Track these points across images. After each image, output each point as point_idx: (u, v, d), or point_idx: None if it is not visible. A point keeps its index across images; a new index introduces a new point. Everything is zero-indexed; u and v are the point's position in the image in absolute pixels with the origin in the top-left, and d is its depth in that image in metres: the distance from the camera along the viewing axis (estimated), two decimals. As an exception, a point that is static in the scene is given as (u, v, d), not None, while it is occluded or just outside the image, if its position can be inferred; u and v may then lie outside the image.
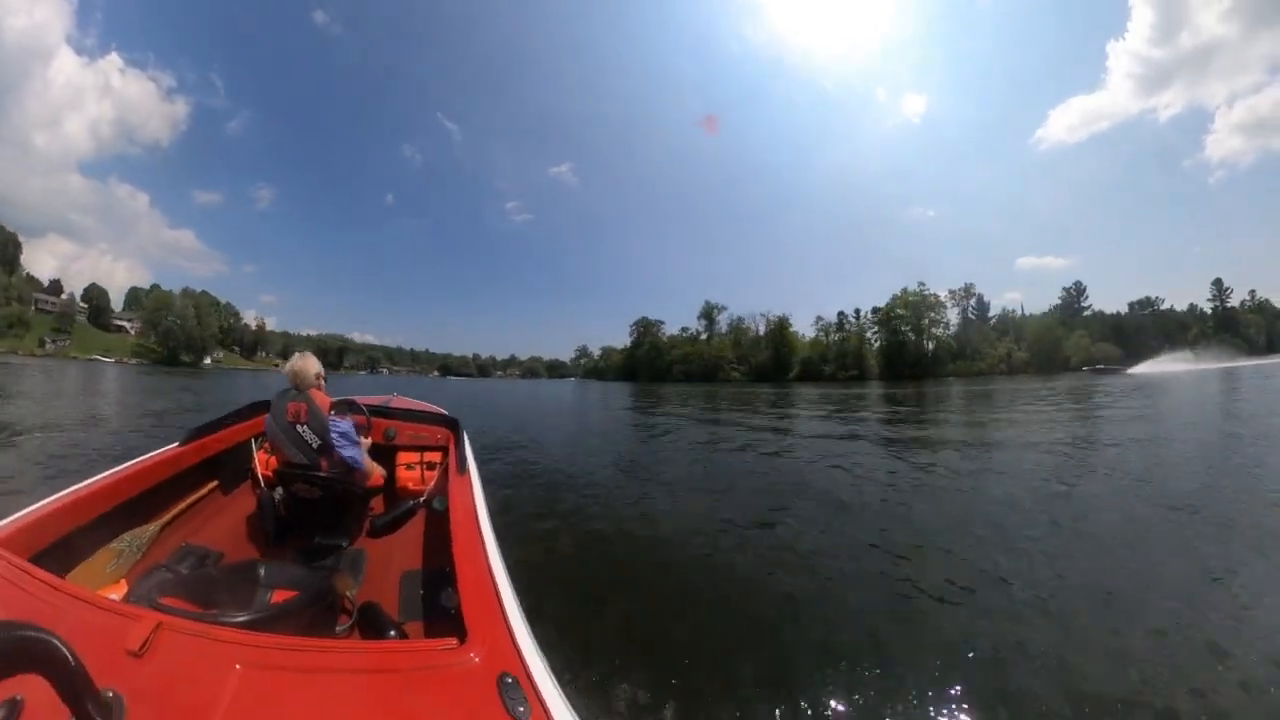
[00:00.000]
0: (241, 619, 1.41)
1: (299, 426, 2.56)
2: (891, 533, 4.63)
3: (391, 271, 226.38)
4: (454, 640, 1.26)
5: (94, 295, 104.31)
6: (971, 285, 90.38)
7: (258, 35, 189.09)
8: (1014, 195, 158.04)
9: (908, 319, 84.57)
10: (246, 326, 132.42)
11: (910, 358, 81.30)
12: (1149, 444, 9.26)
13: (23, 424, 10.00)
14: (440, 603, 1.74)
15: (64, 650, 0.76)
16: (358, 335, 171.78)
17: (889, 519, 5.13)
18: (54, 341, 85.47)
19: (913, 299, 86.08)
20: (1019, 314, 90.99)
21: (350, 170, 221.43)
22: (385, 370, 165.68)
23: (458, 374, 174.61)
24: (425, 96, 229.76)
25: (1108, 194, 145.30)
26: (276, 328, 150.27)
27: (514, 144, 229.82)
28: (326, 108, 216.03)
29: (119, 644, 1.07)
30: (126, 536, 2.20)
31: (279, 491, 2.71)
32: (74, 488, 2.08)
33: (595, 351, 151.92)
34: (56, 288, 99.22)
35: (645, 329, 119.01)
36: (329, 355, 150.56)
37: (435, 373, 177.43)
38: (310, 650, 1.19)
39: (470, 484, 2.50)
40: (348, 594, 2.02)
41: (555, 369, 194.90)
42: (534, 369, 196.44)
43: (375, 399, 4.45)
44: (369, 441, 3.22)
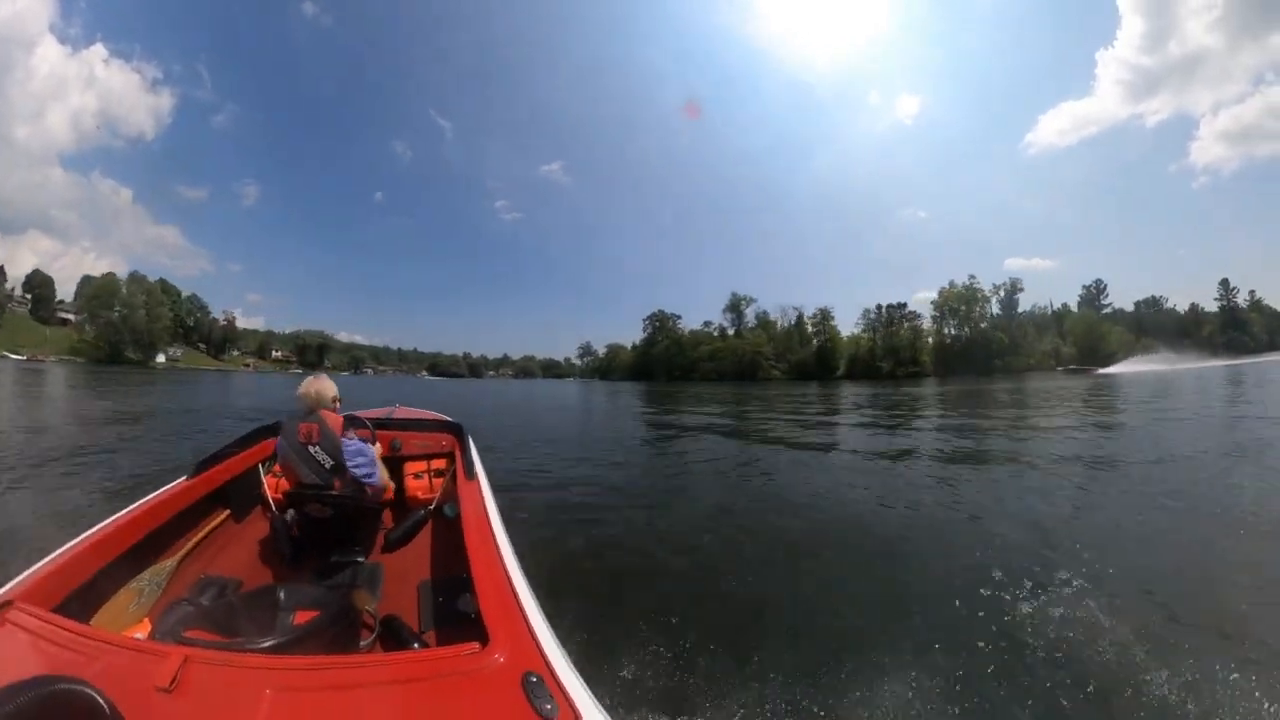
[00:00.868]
0: (267, 644, 1.42)
1: (311, 447, 2.56)
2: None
3: (380, 271, 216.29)
4: (476, 644, 1.27)
5: (37, 283, 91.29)
6: (1018, 280, 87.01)
7: (246, 26, 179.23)
8: (1004, 197, 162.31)
9: (960, 312, 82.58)
10: (215, 321, 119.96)
11: (964, 353, 78.46)
12: None
13: None
14: (459, 609, 1.82)
15: (98, 698, 0.77)
16: (345, 335, 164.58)
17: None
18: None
19: (964, 292, 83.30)
20: (1048, 309, 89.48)
21: (339, 167, 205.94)
22: (370, 370, 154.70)
23: (447, 374, 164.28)
24: (417, 92, 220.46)
25: (1095, 197, 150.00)
26: (263, 326, 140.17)
27: (506, 141, 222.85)
28: (315, 102, 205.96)
29: (149, 682, 1.07)
30: (146, 575, 2.21)
31: (290, 513, 2.73)
32: (88, 532, 2.07)
33: (599, 349, 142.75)
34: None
35: (661, 323, 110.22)
36: (308, 354, 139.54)
37: (423, 373, 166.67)
38: (337, 668, 1.21)
39: (479, 488, 2.56)
40: (368, 608, 2.01)
41: (550, 368, 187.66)
42: (528, 368, 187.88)
43: (378, 411, 4.53)
44: (379, 450, 3.15)
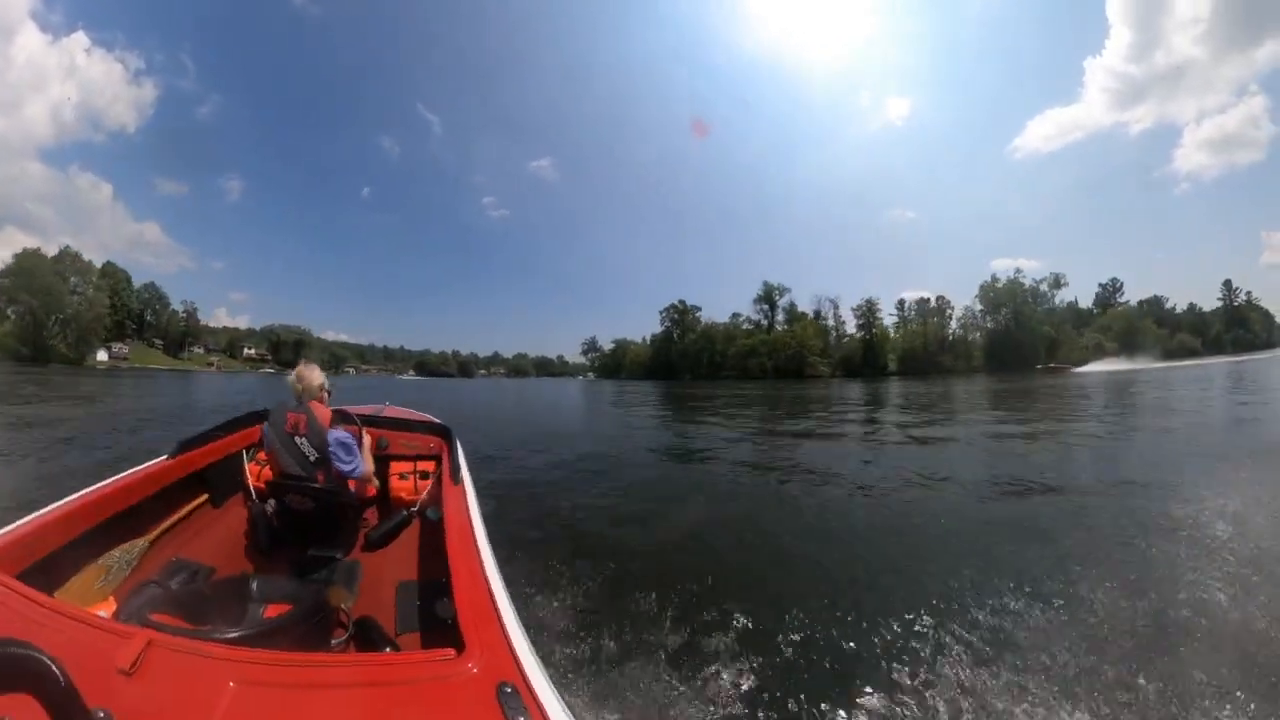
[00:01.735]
0: (234, 635, 1.39)
1: (297, 438, 2.50)
2: None
3: (367, 268, 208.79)
4: (452, 651, 1.24)
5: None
6: (1061, 275, 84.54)
7: (232, 14, 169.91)
8: (991, 199, 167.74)
9: (1006, 307, 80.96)
10: (175, 314, 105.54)
11: (1014, 348, 76.63)
12: None
13: None
14: (437, 613, 1.77)
15: (54, 669, 0.74)
16: (331, 334, 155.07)
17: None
18: None
19: (1011, 287, 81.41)
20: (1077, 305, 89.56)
21: (325, 162, 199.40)
22: (352, 370, 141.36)
23: (436, 373, 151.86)
24: (406, 86, 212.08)
25: (1079, 200, 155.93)
26: (246, 325, 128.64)
27: (494, 138, 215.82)
28: (302, 94, 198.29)
29: (109, 663, 1.03)
30: (115, 552, 2.13)
31: (271, 503, 2.65)
32: (60, 502, 2.01)
33: (605, 345, 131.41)
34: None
35: (682, 314, 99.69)
36: (283, 351, 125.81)
37: (410, 372, 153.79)
38: (305, 665, 1.17)
39: (464, 493, 2.47)
40: (343, 607, 1.96)
41: (544, 367, 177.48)
42: (521, 367, 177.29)
43: (368, 408, 4.33)
44: (369, 442, 3.14)
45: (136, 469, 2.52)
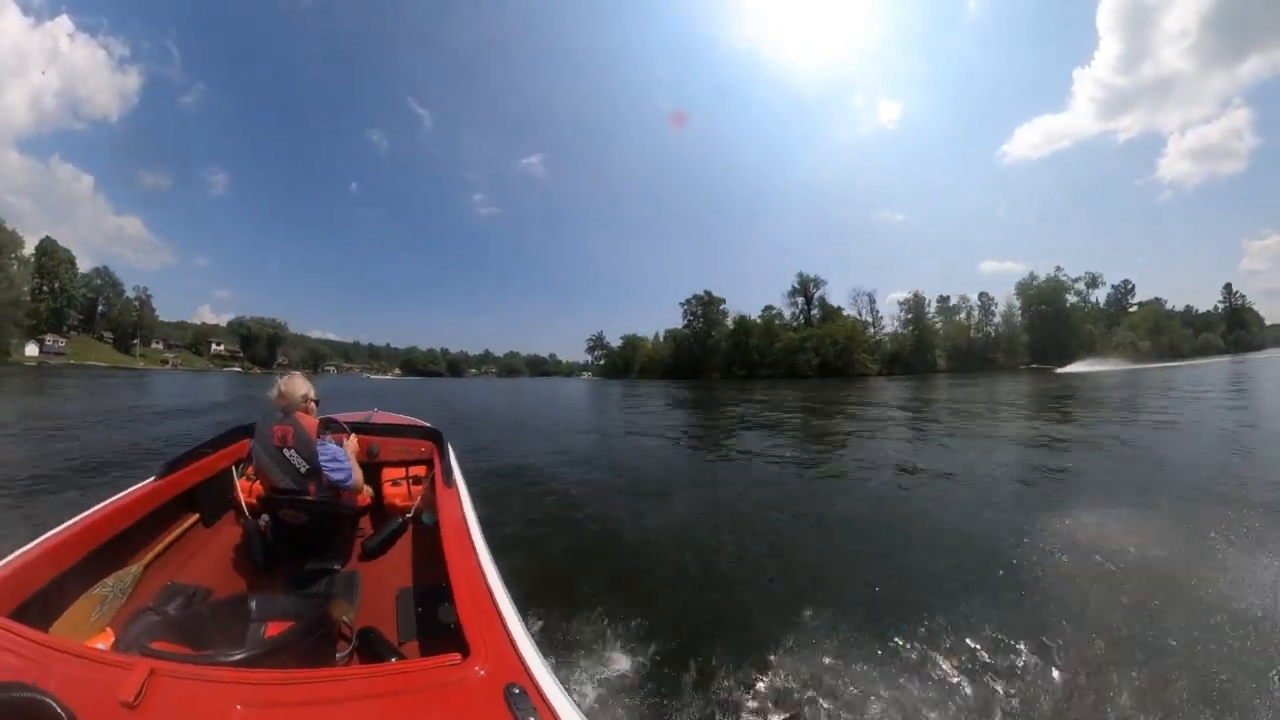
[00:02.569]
0: (237, 657, 1.37)
1: (286, 451, 2.48)
2: None
3: (354, 265, 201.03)
4: (457, 655, 1.24)
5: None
6: (1099, 275, 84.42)
7: (220, 1, 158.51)
8: (979, 203, 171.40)
9: (1052, 305, 79.96)
10: (129, 304, 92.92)
11: (1054, 345, 75.35)
12: None
13: None
14: (439, 619, 1.77)
15: (57, 708, 0.72)
16: (318, 332, 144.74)
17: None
18: None
19: (1052, 284, 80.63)
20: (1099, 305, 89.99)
21: (313, 155, 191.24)
22: (333, 369, 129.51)
23: (424, 372, 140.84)
24: (397, 78, 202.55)
25: (1065, 206, 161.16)
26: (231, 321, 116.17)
27: (485, 134, 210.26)
28: (290, 85, 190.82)
29: (112, 696, 1.01)
30: (109, 581, 2.10)
31: (264, 519, 2.62)
32: (49, 534, 1.96)
33: (612, 342, 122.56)
34: None
35: (707, 305, 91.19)
36: (255, 348, 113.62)
37: (396, 371, 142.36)
38: (311, 682, 1.16)
39: (458, 495, 2.48)
40: (344, 619, 1.96)
41: (538, 366, 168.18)
42: (513, 366, 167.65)
43: (356, 415, 4.25)
44: (355, 445, 3.11)
45: (124, 493, 2.44)
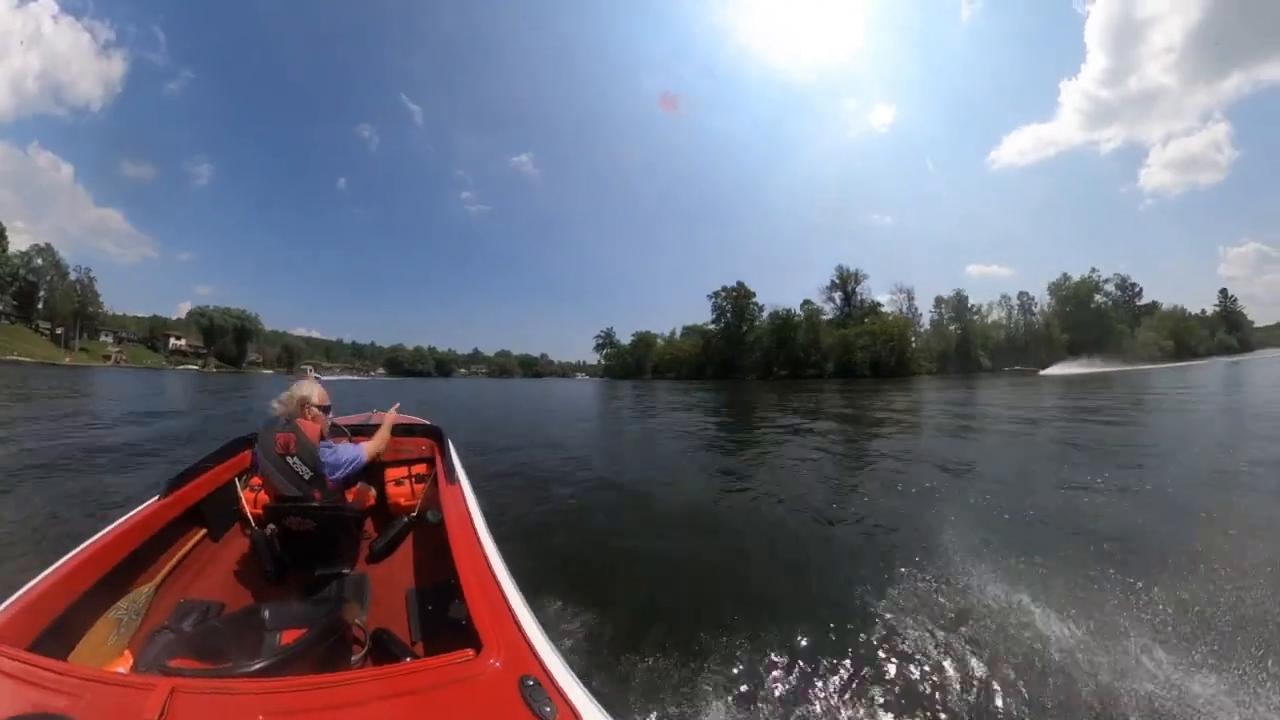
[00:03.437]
0: (255, 668, 1.39)
1: (289, 458, 2.48)
2: None
3: (341, 262, 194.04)
4: (470, 651, 1.26)
5: None
6: (1128, 277, 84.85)
7: None
8: (967, 208, 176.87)
9: (1080, 304, 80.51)
10: (74, 287, 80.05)
11: (1092, 343, 75.71)
12: None
13: None
14: (450, 616, 1.81)
15: None
16: (302, 330, 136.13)
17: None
18: None
19: (1087, 284, 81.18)
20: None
21: (302, 149, 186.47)
22: (309, 368, 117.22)
23: (410, 372, 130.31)
24: (389, 72, 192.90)
25: (1050, 212, 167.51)
26: (191, 311, 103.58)
27: (477, 132, 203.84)
28: (279, 75, 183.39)
29: (137, 717, 1.03)
30: (122, 603, 2.12)
31: (270, 528, 2.61)
32: (59, 563, 1.98)
33: (620, 339, 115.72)
34: None
35: (738, 297, 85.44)
36: (218, 342, 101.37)
37: (380, 370, 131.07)
38: (330, 687, 1.18)
39: (462, 492, 2.49)
40: (357, 622, 1.96)
41: (530, 365, 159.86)
42: (505, 366, 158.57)
43: (356, 417, 4.21)
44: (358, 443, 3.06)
45: (130, 514, 2.44)
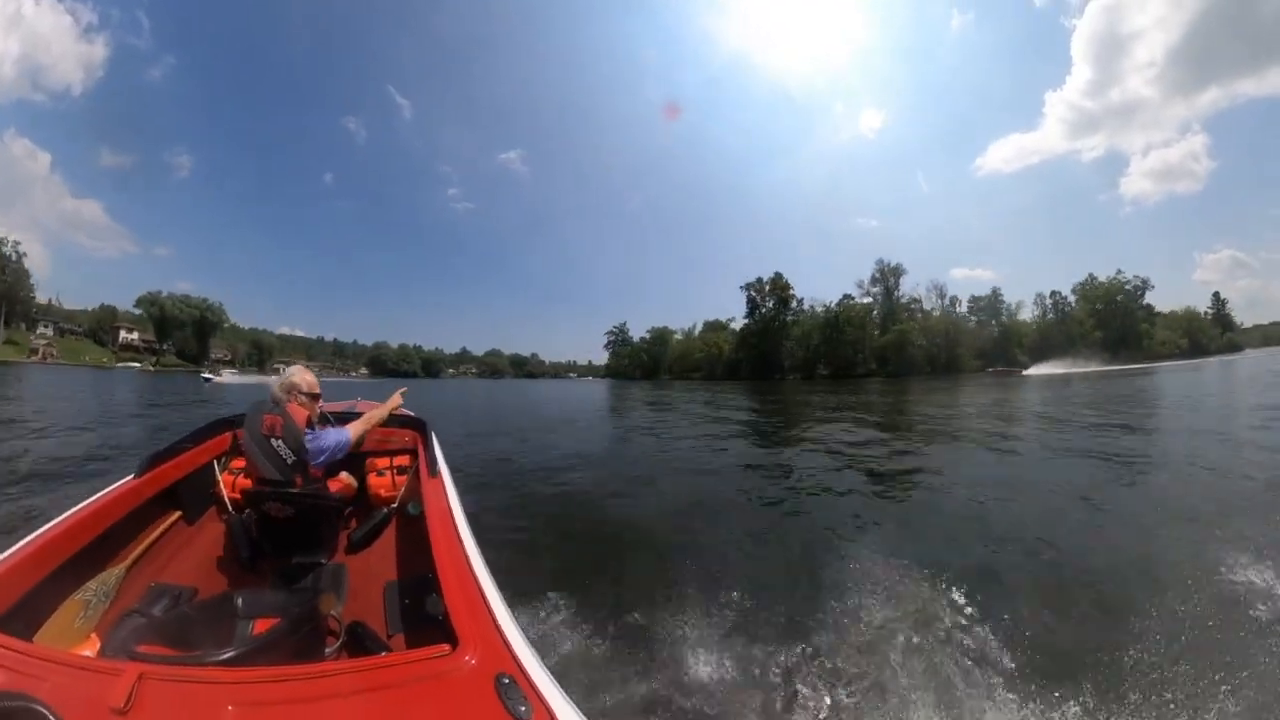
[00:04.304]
0: (225, 656, 1.35)
1: (274, 440, 2.43)
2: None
3: (326, 259, 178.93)
4: (446, 646, 1.24)
5: None
6: (1147, 279, 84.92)
7: None
8: (952, 213, 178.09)
9: (1108, 304, 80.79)
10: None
11: (1121, 341, 76.85)
12: None
13: None
14: (427, 610, 1.76)
15: (49, 715, 0.73)
16: (286, 328, 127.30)
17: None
18: None
19: (1113, 285, 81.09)
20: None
21: (287, 142, 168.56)
22: (281, 367, 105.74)
23: (394, 372, 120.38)
24: (378, 63, 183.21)
25: (1032, 217, 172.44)
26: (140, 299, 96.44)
27: (466, 127, 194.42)
28: (265, 65, 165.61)
29: (102, 703, 0.99)
30: (92, 584, 2.06)
31: (248, 513, 2.58)
32: (27, 540, 1.90)
33: (634, 336, 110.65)
34: None
35: (779, 288, 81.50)
36: (179, 338, 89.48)
37: (363, 370, 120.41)
38: (302, 678, 1.15)
39: (443, 486, 2.47)
40: (332, 613, 1.94)
41: (520, 365, 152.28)
42: (495, 366, 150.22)
43: (340, 405, 4.19)
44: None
45: (103, 492, 2.38)
